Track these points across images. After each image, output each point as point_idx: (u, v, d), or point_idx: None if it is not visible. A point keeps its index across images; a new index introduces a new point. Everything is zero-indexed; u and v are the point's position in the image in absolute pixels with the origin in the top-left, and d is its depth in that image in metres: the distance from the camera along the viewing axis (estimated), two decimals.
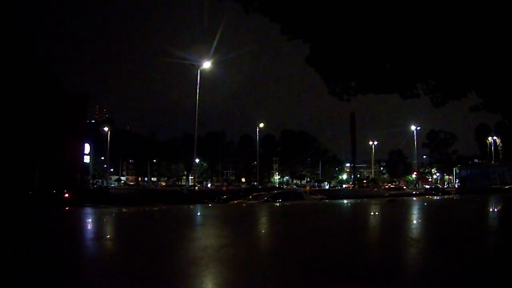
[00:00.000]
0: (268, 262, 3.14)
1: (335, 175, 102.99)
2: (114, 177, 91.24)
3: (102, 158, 78.92)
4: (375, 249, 3.81)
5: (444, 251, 3.55)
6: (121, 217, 7.98)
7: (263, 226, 6.24)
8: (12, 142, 23.60)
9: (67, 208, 14.01)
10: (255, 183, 73.22)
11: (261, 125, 66.35)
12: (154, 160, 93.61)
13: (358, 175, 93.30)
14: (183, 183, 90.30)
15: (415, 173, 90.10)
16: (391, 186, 75.62)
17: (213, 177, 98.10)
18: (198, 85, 32.63)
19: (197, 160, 63.07)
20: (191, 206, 11.95)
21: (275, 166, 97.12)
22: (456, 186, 68.21)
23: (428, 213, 8.49)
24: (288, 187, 77.37)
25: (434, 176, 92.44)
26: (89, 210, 10.43)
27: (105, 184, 72.74)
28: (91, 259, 3.37)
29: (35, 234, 4.82)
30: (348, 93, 9.60)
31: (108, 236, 5.05)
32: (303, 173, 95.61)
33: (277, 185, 77.41)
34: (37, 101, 26.59)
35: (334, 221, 6.88)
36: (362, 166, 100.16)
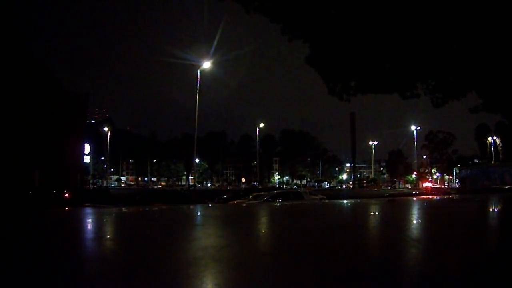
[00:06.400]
0: (268, 262, 3.14)
1: (335, 175, 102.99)
2: (114, 177, 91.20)
3: (102, 158, 78.93)
4: (375, 249, 3.81)
5: (444, 251, 3.55)
6: (121, 217, 7.99)
7: (263, 226, 6.24)
8: (12, 142, 23.59)
9: (67, 208, 14.01)
10: (255, 183, 73.22)
11: (261, 125, 66.34)
12: (154, 160, 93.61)
13: (358, 175, 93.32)
14: (183, 183, 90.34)
15: (415, 173, 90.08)
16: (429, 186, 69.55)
17: (213, 177, 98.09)
18: (198, 85, 32.66)
19: (197, 160, 63.05)
20: (191, 206, 11.95)
21: (275, 166, 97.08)
22: (452, 186, 68.23)
23: (428, 213, 8.49)
24: (288, 187, 77.39)
25: (434, 176, 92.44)
26: (89, 210, 10.43)
27: (105, 184, 72.76)
28: (91, 259, 3.37)
29: (35, 234, 4.82)
30: (348, 93, 9.59)
31: (108, 236, 5.05)
32: (303, 173, 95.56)
33: (277, 185, 77.40)
34: (37, 101, 26.58)
35: (334, 221, 6.88)
36: (362, 166, 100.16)
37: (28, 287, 2.38)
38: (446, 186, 78.31)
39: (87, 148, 46.80)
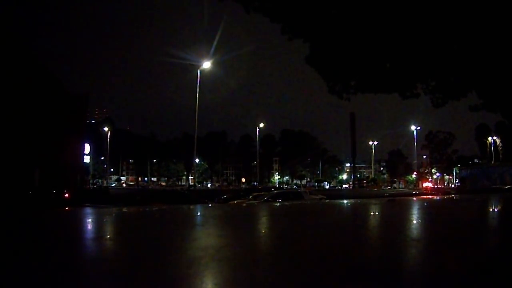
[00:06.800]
0: (268, 262, 3.14)
1: (335, 175, 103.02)
2: (114, 177, 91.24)
3: (102, 158, 78.93)
4: (375, 249, 3.81)
5: (444, 251, 3.55)
6: (121, 217, 7.98)
7: (263, 226, 6.24)
8: (12, 142, 23.59)
9: (67, 208, 14.01)
10: (255, 183, 73.24)
11: (261, 125, 66.39)
12: (154, 160, 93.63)
13: (358, 175, 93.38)
14: (183, 183, 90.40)
15: (415, 173, 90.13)
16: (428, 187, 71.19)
17: (213, 177, 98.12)
18: (198, 85, 32.69)
19: (197, 160, 63.08)
20: (191, 206, 11.95)
21: (275, 166, 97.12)
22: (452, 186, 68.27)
23: (427, 213, 8.49)
24: (288, 187, 77.41)
25: (434, 176, 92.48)
26: (89, 210, 10.43)
27: (105, 184, 72.78)
28: (91, 259, 3.37)
29: (35, 234, 4.82)
30: (347, 92, 9.60)
31: (108, 236, 5.05)
32: (303, 173, 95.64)
33: (277, 185, 77.42)
34: (37, 101, 26.58)
35: (334, 221, 6.88)
36: (362, 166, 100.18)
37: (28, 287, 2.37)
38: (446, 186, 78.36)
39: (87, 148, 46.77)
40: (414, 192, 37.67)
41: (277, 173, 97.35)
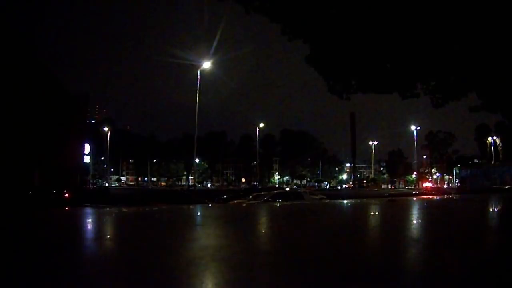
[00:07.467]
0: (268, 262, 3.13)
1: (335, 175, 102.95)
2: (114, 177, 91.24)
3: (102, 158, 78.95)
4: (375, 249, 3.81)
5: (444, 251, 3.55)
6: (121, 217, 7.98)
7: (263, 226, 6.24)
8: (12, 142, 23.60)
9: (67, 208, 14.01)
10: (255, 183, 73.25)
11: (261, 125, 66.38)
12: (154, 160, 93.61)
13: (358, 175, 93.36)
14: (183, 183, 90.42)
15: (415, 173, 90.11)
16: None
17: (213, 177, 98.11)
18: (198, 85, 32.69)
19: (197, 160, 63.06)
20: (191, 206, 11.95)
21: (275, 166, 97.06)
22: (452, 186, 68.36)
23: (427, 213, 8.49)
24: (288, 187, 77.45)
25: (434, 176, 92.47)
26: (89, 210, 10.42)
27: (105, 184, 72.82)
28: (91, 259, 3.37)
29: (35, 234, 4.82)
30: (347, 92, 9.61)
31: (108, 236, 5.05)
32: (303, 173, 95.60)
33: (277, 185, 77.44)
34: (37, 101, 26.59)
35: (334, 221, 6.88)
36: (362, 166, 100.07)
37: (27, 287, 2.37)
38: (446, 186, 78.36)
39: (87, 148, 46.82)
40: (414, 192, 37.67)
41: (277, 173, 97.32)
